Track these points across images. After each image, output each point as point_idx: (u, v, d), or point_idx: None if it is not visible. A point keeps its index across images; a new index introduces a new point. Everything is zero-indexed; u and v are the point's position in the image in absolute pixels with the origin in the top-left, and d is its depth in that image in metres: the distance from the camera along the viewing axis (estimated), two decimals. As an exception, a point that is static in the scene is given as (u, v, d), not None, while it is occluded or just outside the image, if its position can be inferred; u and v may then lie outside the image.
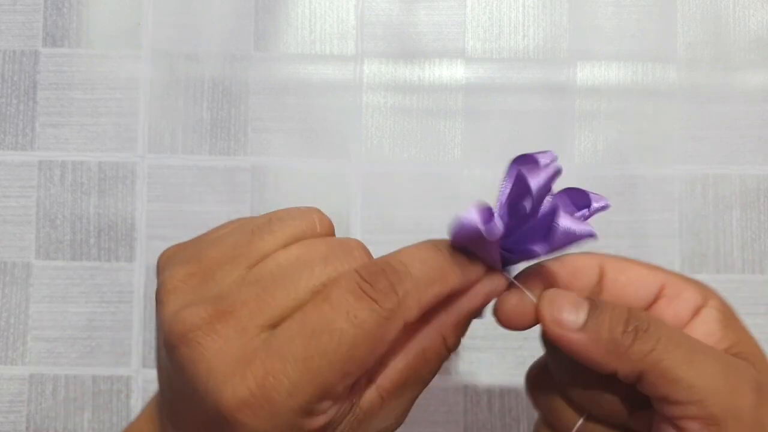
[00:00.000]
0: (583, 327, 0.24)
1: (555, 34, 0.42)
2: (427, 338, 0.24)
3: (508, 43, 0.42)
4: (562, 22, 0.42)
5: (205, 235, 0.25)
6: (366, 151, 0.41)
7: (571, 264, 0.26)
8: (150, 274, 0.41)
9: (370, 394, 0.23)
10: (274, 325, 0.22)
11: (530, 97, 0.41)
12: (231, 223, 0.25)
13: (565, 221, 0.23)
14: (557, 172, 0.23)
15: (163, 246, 0.40)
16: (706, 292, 0.26)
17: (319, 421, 0.22)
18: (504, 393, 0.40)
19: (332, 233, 0.25)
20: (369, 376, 0.23)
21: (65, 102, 0.41)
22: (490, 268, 0.24)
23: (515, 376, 0.40)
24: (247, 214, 0.41)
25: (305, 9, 0.42)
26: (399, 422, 0.24)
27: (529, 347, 0.40)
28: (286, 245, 0.23)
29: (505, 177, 0.25)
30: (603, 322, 0.24)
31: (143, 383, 0.40)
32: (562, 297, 0.24)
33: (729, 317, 0.26)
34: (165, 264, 0.25)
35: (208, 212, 0.41)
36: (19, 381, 0.40)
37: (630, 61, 0.42)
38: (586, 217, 0.25)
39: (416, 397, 0.24)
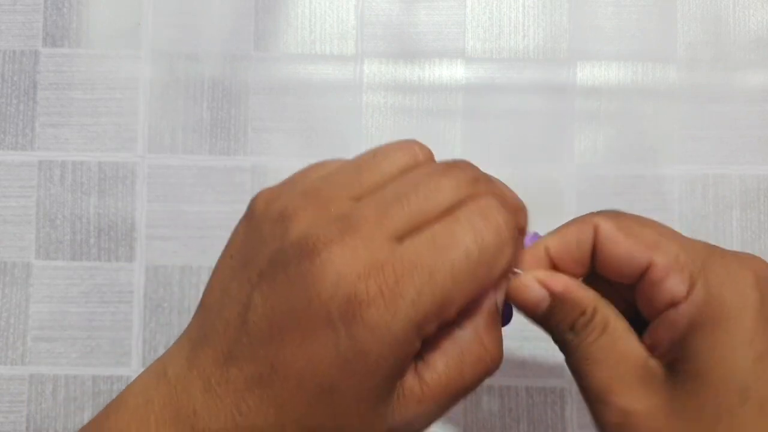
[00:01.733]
0: (541, 317, 0.26)
1: (555, 34, 0.42)
2: (464, 337, 0.25)
3: (508, 43, 0.42)
4: (562, 22, 0.42)
5: (303, 175, 0.26)
6: (366, 151, 0.41)
7: (567, 235, 0.26)
8: (150, 274, 0.41)
9: (414, 383, 0.24)
10: (400, 239, 0.23)
11: (530, 97, 0.41)
12: (328, 163, 0.26)
13: None
14: None
15: (163, 246, 0.41)
16: (698, 281, 0.24)
17: (424, 335, 0.23)
18: (504, 393, 0.40)
19: (434, 160, 0.26)
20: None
21: (65, 102, 0.41)
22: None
23: (515, 376, 0.40)
24: (247, 214, 0.41)
25: (305, 9, 0.42)
26: (429, 424, 0.25)
27: (529, 347, 0.40)
28: (393, 177, 0.24)
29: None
30: (551, 324, 0.26)
31: (143, 383, 0.40)
32: (528, 287, 0.26)
33: (701, 323, 0.24)
34: (271, 198, 0.25)
35: (208, 212, 0.41)
36: (19, 381, 0.40)
37: (630, 61, 0.42)
38: None
39: (450, 407, 0.25)
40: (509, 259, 0.24)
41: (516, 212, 0.25)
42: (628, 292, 0.26)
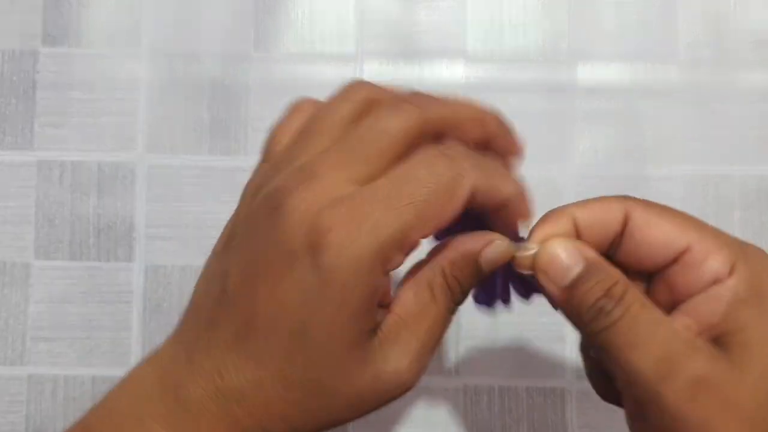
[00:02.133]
0: (564, 290, 0.25)
1: (555, 33, 0.42)
2: (430, 270, 0.25)
3: (509, 43, 0.42)
4: (562, 22, 0.42)
5: (275, 142, 0.28)
6: (366, 151, 0.41)
7: (595, 210, 0.26)
8: (149, 274, 0.41)
9: (387, 320, 0.25)
10: (360, 183, 0.23)
11: (531, 97, 0.41)
12: (295, 115, 0.28)
13: None
14: None
15: (162, 246, 0.41)
16: (739, 263, 0.24)
17: (390, 266, 0.23)
18: (504, 393, 0.40)
19: (381, 92, 0.27)
20: (387, 305, 0.25)
21: (64, 102, 0.41)
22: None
23: (515, 376, 0.40)
24: (246, 214, 0.41)
25: (305, 9, 0.42)
26: (410, 375, 0.25)
27: (529, 347, 0.40)
28: (363, 114, 0.25)
29: None
30: (581, 292, 0.24)
31: (143, 384, 0.40)
32: (561, 251, 0.25)
33: (745, 300, 0.24)
34: (259, 185, 0.26)
35: (207, 212, 0.41)
36: (18, 381, 0.40)
37: (631, 61, 0.42)
38: None
39: (429, 346, 0.25)
40: (472, 186, 0.24)
41: (469, 156, 0.25)
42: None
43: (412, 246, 0.24)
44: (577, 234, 0.26)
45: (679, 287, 0.25)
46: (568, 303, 0.25)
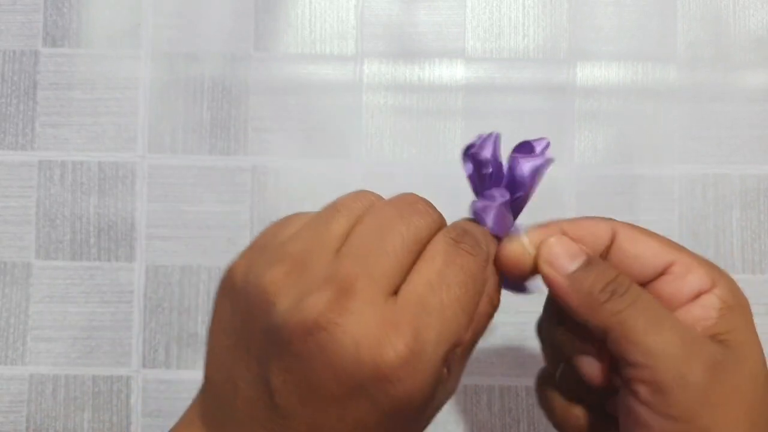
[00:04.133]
0: (570, 275, 0.26)
1: (555, 34, 0.42)
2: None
3: (508, 43, 0.42)
4: (562, 22, 0.42)
5: (270, 236, 0.26)
6: (366, 151, 0.41)
7: (583, 226, 0.27)
8: (150, 274, 0.41)
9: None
10: (393, 291, 0.23)
11: (530, 97, 0.41)
12: (293, 221, 0.26)
13: (525, 163, 0.27)
14: (496, 137, 0.28)
15: (163, 246, 0.41)
16: (717, 278, 0.26)
17: (446, 371, 0.24)
18: (504, 393, 0.40)
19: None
20: None
21: (65, 102, 0.41)
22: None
23: (515, 376, 0.40)
24: (246, 214, 0.41)
25: (305, 9, 0.42)
26: (454, 390, 0.26)
27: (529, 347, 0.40)
28: (358, 223, 0.25)
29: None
30: (589, 275, 0.25)
31: (143, 383, 0.40)
32: (563, 243, 0.26)
33: (731, 306, 0.26)
34: (247, 268, 0.25)
35: (208, 212, 0.41)
36: (19, 381, 0.40)
37: (630, 60, 0.42)
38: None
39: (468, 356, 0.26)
40: (490, 270, 0.25)
41: (478, 238, 0.26)
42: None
43: (466, 343, 0.25)
44: None
45: (666, 297, 0.26)
46: (574, 289, 0.26)
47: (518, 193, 0.27)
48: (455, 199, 0.41)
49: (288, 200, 0.41)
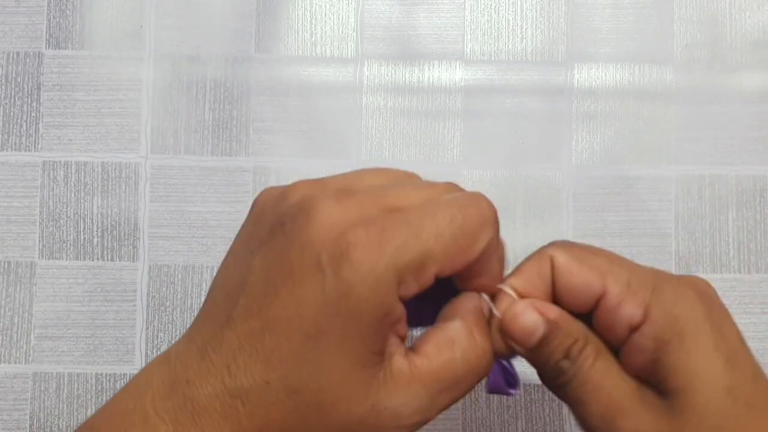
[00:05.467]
0: (530, 351, 0.26)
1: (553, 36, 0.42)
2: (454, 329, 0.25)
3: (507, 45, 0.42)
4: (559, 25, 0.42)
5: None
6: (366, 152, 0.42)
7: (525, 274, 0.27)
8: (153, 273, 0.41)
9: (401, 360, 0.24)
10: (391, 211, 0.24)
11: (528, 99, 0.42)
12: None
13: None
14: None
15: (166, 245, 0.41)
16: (651, 304, 0.25)
17: (404, 291, 0.24)
18: (502, 391, 0.40)
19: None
20: (402, 336, 0.25)
21: (69, 103, 0.42)
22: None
23: (513, 374, 0.40)
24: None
25: (306, 11, 0.42)
26: (413, 421, 0.24)
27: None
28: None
29: None
30: (545, 353, 0.26)
31: (146, 381, 0.41)
32: (524, 317, 0.26)
33: (666, 341, 0.25)
34: (273, 188, 0.27)
35: (210, 212, 0.41)
36: (22, 379, 0.41)
37: (627, 62, 0.42)
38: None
39: (443, 403, 0.25)
40: (491, 239, 0.25)
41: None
42: (590, 323, 0.27)
43: (427, 279, 0.24)
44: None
45: (607, 333, 0.26)
46: (534, 363, 0.27)
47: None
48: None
49: (289, 200, 0.41)
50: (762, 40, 0.42)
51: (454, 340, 0.25)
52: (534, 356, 0.26)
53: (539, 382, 0.40)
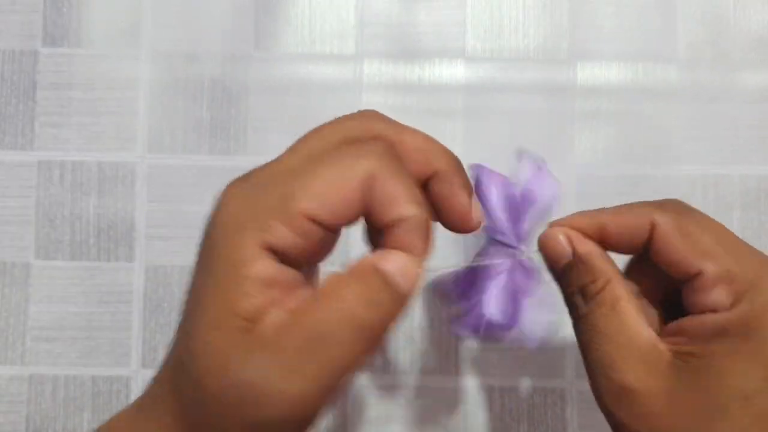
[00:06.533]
0: (560, 272, 0.28)
1: (555, 33, 0.42)
2: (340, 280, 0.23)
3: (509, 42, 0.42)
4: (562, 22, 0.42)
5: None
6: (366, 151, 0.41)
7: (623, 222, 0.28)
8: (150, 274, 0.41)
9: (274, 320, 0.22)
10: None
11: (530, 97, 0.41)
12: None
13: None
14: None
15: (162, 246, 0.41)
16: (746, 295, 0.25)
17: (268, 263, 0.22)
18: (504, 393, 0.40)
19: None
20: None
21: (65, 102, 0.41)
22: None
23: (516, 377, 0.40)
24: (246, 214, 0.41)
25: (305, 8, 0.42)
26: (288, 395, 0.21)
27: (529, 347, 0.40)
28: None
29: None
30: (564, 282, 0.28)
31: (143, 383, 0.40)
32: (555, 238, 0.28)
33: (734, 333, 0.25)
34: None
35: (207, 212, 0.41)
36: (18, 381, 0.40)
37: (630, 60, 0.42)
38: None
39: (334, 376, 0.21)
40: (369, 170, 0.23)
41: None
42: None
43: (300, 224, 0.22)
44: (602, 235, 0.27)
45: (687, 300, 0.26)
46: (560, 290, 0.28)
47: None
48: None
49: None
50: (766, 38, 0.42)
51: (340, 295, 0.22)
52: (559, 282, 0.28)
53: (541, 384, 0.40)
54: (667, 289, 0.28)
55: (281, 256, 0.22)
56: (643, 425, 0.25)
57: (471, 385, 0.40)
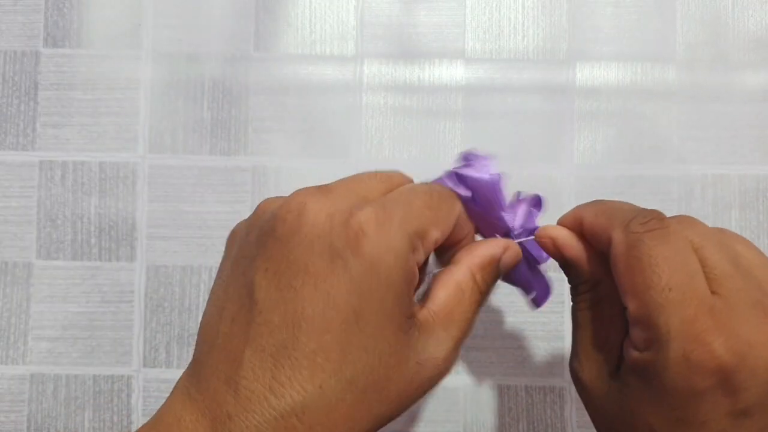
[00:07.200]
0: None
1: (554, 34, 0.42)
2: (459, 273, 0.28)
3: (508, 43, 0.42)
4: (561, 23, 0.42)
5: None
6: (366, 152, 0.41)
7: (593, 224, 0.29)
8: (150, 274, 0.41)
9: (423, 313, 0.26)
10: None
11: (530, 98, 0.42)
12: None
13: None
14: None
15: (163, 246, 0.41)
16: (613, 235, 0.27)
17: (417, 257, 0.26)
18: (503, 392, 0.40)
19: None
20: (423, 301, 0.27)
21: (66, 102, 0.42)
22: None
23: (515, 376, 0.40)
24: (247, 214, 0.41)
25: (305, 9, 0.42)
26: (447, 364, 0.26)
27: (529, 347, 0.40)
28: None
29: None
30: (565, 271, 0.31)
31: (144, 383, 0.40)
32: (545, 244, 0.30)
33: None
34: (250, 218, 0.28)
35: (208, 212, 0.41)
36: (20, 380, 0.40)
37: (629, 61, 0.42)
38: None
39: (460, 339, 0.27)
40: (459, 210, 0.28)
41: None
42: None
43: (431, 244, 0.26)
44: (581, 228, 0.29)
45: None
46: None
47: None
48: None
49: (288, 200, 0.41)
50: (765, 39, 0.42)
51: (459, 282, 0.27)
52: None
53: (540, 383, 0.40)
54: None
55: None
56: (590, 415, 0.29)
57: (470, 383, 0.40)
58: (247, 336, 0.23)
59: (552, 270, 0.32)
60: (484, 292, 0.28)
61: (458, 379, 0.40)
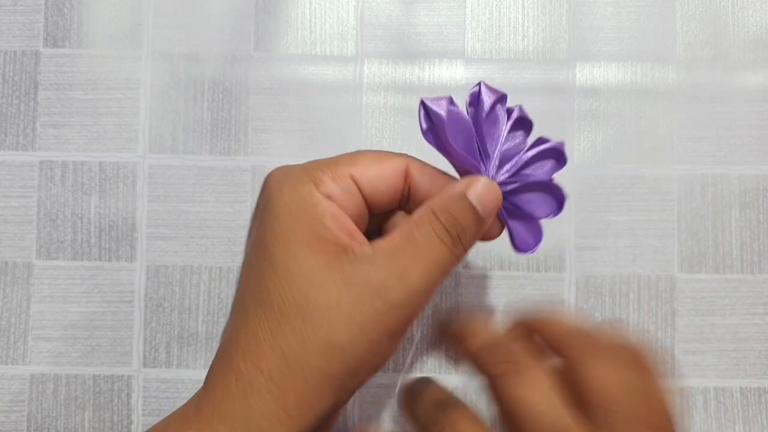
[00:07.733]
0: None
1: (554, 34, 0.42)
2: (417, 213, 0.28)
3: (508, 43, 0.42)
4: (561, 23, 0.42)
5: None
6: (366, 152, 0.41)
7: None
8: (151, 274, 0.41)
9: (365, 246, 0.27)
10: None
11: (530, 98, 0.42)
12: None
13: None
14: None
15: (164, 246, 0.41)
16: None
17: (324, 189, 0.27)
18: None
19: None
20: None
21: (66, 102, 0.42)
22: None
23: (515, 376, 0.40)
24: (247, 214, 0.41)
25: (305, 10, 0.42)
26: (384, 295, 0.26)
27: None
28: None
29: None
30: None
31: (144, 383, 0.41)
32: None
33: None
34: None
35: (208, 212, 0.41)
36: (19, 380, 0.40)
37: (629, 61, 0.42)
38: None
39: (409, 276, 0.26)
40: (400, 158, 0.30)
41: None
42: None
43: (345, 177, 0.27)
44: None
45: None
46: None
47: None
48: (455, 199, 0.41)
49: (288, 200, 0.41)
50: (765, 39, 0.42)
51: (414, 221, 0.27)
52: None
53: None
54: None
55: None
56: None
57: (470, 383, 0.40)
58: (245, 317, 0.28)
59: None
60: (452, 233, 0.27)
61: (458, 379, 0.40)
